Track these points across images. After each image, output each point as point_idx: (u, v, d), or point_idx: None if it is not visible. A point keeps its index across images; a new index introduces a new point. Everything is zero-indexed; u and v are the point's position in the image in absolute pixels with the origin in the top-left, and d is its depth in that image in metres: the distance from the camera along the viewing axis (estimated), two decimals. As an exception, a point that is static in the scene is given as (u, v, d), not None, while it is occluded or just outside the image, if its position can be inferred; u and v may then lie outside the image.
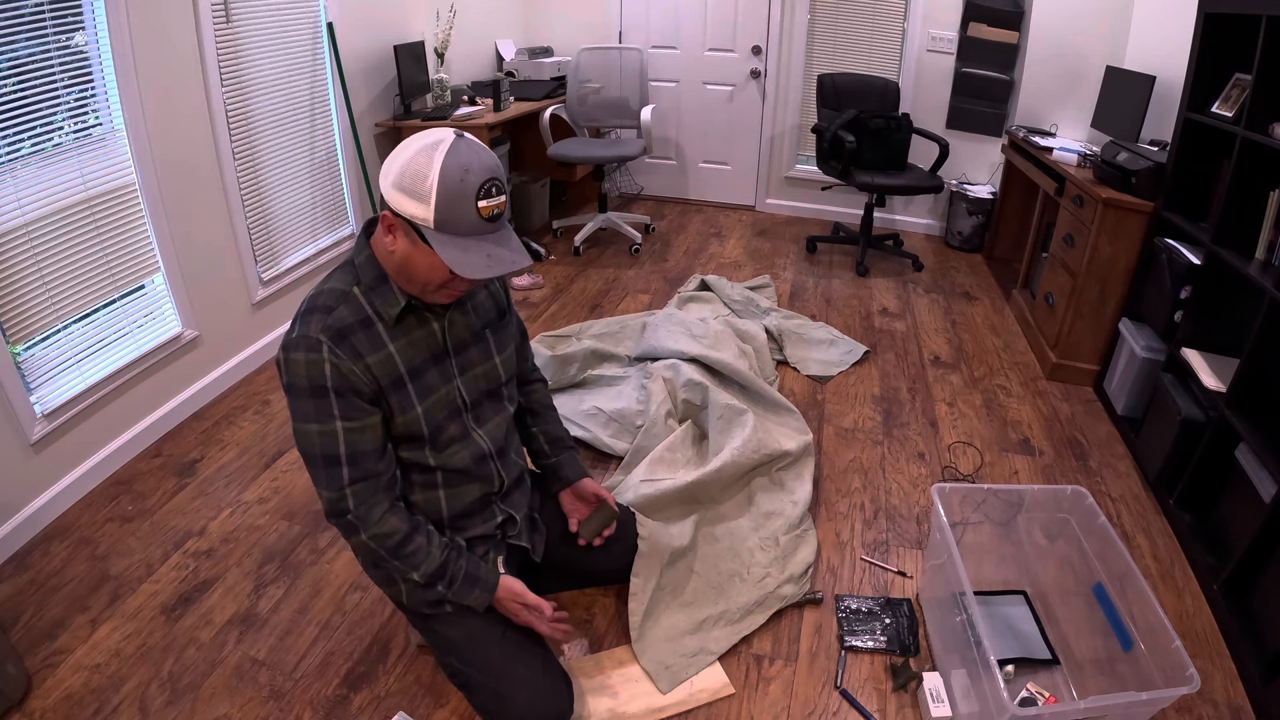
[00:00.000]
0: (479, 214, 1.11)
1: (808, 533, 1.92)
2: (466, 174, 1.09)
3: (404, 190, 1.10)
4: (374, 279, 1.20)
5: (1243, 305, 2.06)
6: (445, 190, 1.08)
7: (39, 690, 1.49)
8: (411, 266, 1.16)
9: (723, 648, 1.61)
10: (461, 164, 1.09)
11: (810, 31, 4.26)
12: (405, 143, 1.14)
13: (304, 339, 1.15)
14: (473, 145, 1.12)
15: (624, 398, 2.42)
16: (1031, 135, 3.52)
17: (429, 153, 1.09)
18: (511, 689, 1.31)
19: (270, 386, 2.61)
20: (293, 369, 1.16)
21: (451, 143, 1.10)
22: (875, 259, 3.98)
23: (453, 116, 3.22)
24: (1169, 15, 3.11)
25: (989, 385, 2.76)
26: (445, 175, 1.08)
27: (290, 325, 1.19)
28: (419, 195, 1.09)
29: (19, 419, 1.86)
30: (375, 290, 1.20)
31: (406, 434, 1.26)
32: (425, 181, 1.08)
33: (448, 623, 1.35)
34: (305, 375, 1.15)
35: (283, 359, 1.17)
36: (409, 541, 1.26)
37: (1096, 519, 1.59)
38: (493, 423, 1.39)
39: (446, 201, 1.09)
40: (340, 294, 1.19)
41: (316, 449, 1.19)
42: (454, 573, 1.30)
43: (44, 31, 1.83)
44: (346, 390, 1.17)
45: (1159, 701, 1.26)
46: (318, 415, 1.17)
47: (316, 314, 1.17)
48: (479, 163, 1.11)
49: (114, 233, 2.10)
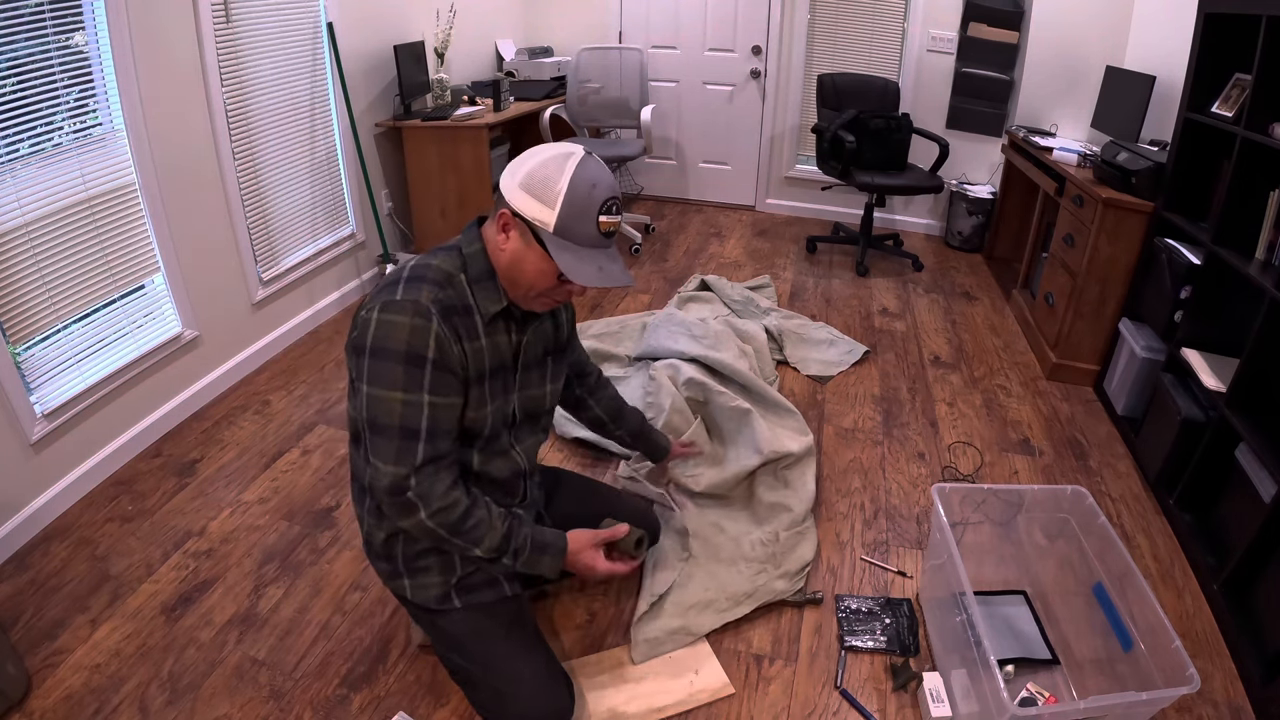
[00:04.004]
0: (598, 228, 1.16)
1: (808, 531, 1.92)
2: (594, 188, 1.14)
3: (530, 192, 1.13)
4: (480, 272, 1.22)
5: (1243, 305, 2.06)
6: (572, 198, 1.13)
7: (39, 690, 1.49)
8: (520, 267, 1.18)
9: (704, 629, 1.64)
10: (590, 178, 1.14)
11: (810, 31, 4.26)
12: (536, 149, 1.18)
13: (414, 304, 1.13)
14: (600, 164, 1.17)
15: (626, 397, 2.40)
16: (1031, 135, 3.52)
17: (561, 162, 1.14)
18: (513, 686, 1.31)
19: (271, 386, 2.61)
20: (390, 330, 1.12)
21: (583, 157, 1.15)
22: (875, 259, 3.98)
23: (452, 116, 3.22)
24: (1169, 15, 3.11)
25: (989, 385, 2.76)
26: (575, 185, 1.13)
27: (387, 287, 1.16)
28: (545, 199, 1.13)
29: (19, 419, 1.86)
30: (480, 283, 1.21)
31: (468, 430, 1.27)
32: (554, 187, 1.13)
33: (451, 619, 1.35)
34: (406, 340, 1.12)
35: (376, 319, 1.13)
36: (469, 515, 1.22)
37: (1096, 519, 1.59)
38: (527, 444, 1.41)
39: (571, 209, 1.13)
40: (448, 274, 1.19)
41: (395, 419, 1.14)
42: (519, 543, 1.27)
43: (44, 31, 1.83)
44: (444, 365, 1.16)
45: (1159, 701, 1.26)
46: (407, 383, 1.13)
47: (428, 285, 1.15)
48: (606, 180, 1.16)
49: (114, 233, 2.10)
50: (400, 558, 1.35)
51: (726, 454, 2.18)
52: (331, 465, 2.20)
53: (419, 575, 1.35)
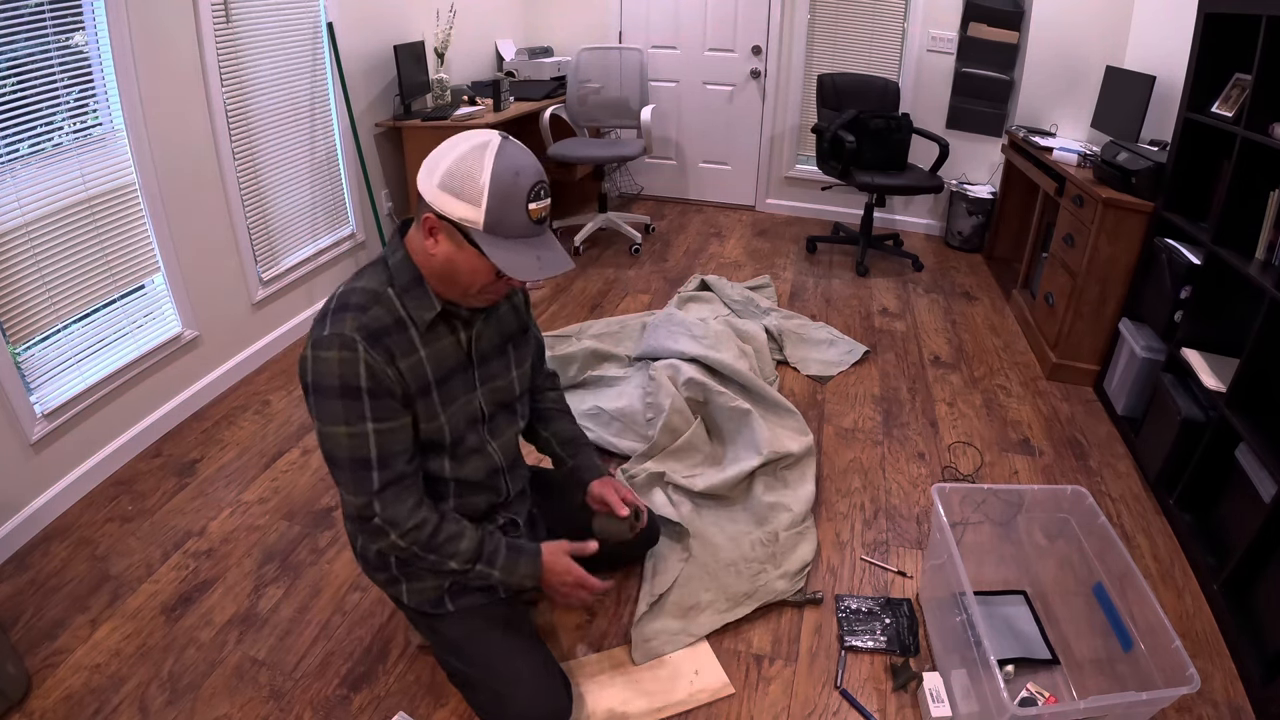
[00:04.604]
0: (529, 216, 1.11)
1: (808, 531, 1.92)
2: (517, 176, 1.08)
3: (451, 191, 1.08)
4: (409, 281, 1.18)
5: (1243, 305, 2.06)
6: (497, 192, 1.07)
7: (39, 690, 1.49)
8: (454, 269, 1.14)
9: (704, 630, 1.64)
10: (512, 166, 1.08)
11: (810, 31, 4.26)
12: (448, 144, 1.11)
13: (338, 336, 1.11)
14: (519, 147, 1.11)
15: (625, 397, 2.42)
16: (1031, 135, 3.51)
17: (479, 154, 1.08)
18: (511, 688, 1.31)
19: (271, 386, 2.61)
20: (323, 367, 1.12)
21: (500, 144, 1.09)
22: (875, 259, 3.97)
23: (452, 116, 3.22)
24: (1169, 15, 3.11)
25: (989, 385, 2.76)
26: (497, 177, 1.07)
27: (318, 322, 1.15)
28: (469, 197, 1.08)
29: (19, 419, 1.86)
30: (409, 293, 1.18)
31: (428, 442, 1.26)
32: (476, 183, 1.07)
33: (448, 622, 1.36)
34: (338, 375, 1.11)
35: (310, 356, 1.12)
36: (439, 531, 1.22)
37: (1096, 519, 1.59)
38: (505, 436, 1.39)
39: (498, 204, 1.08)
40: (374, 294, 1.16)
41: (344, 452, 1.15)
42: (492, 550, 1.27)
43: (44, 31, 1.83)
44: (380, 391, 1.14)
45: (1159, 701, 1.26)
46: (347, 417, 1.13)
47: (351, 312, 1.13)
48: (529, 165, 1.10)
49: (114, 233, 2.10)
50: (394, 564, 1.36)
51: (726, 454, 2.18)
52: (331, 465, 2.20)
53: (414, 580, 1.36)
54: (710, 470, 2.09)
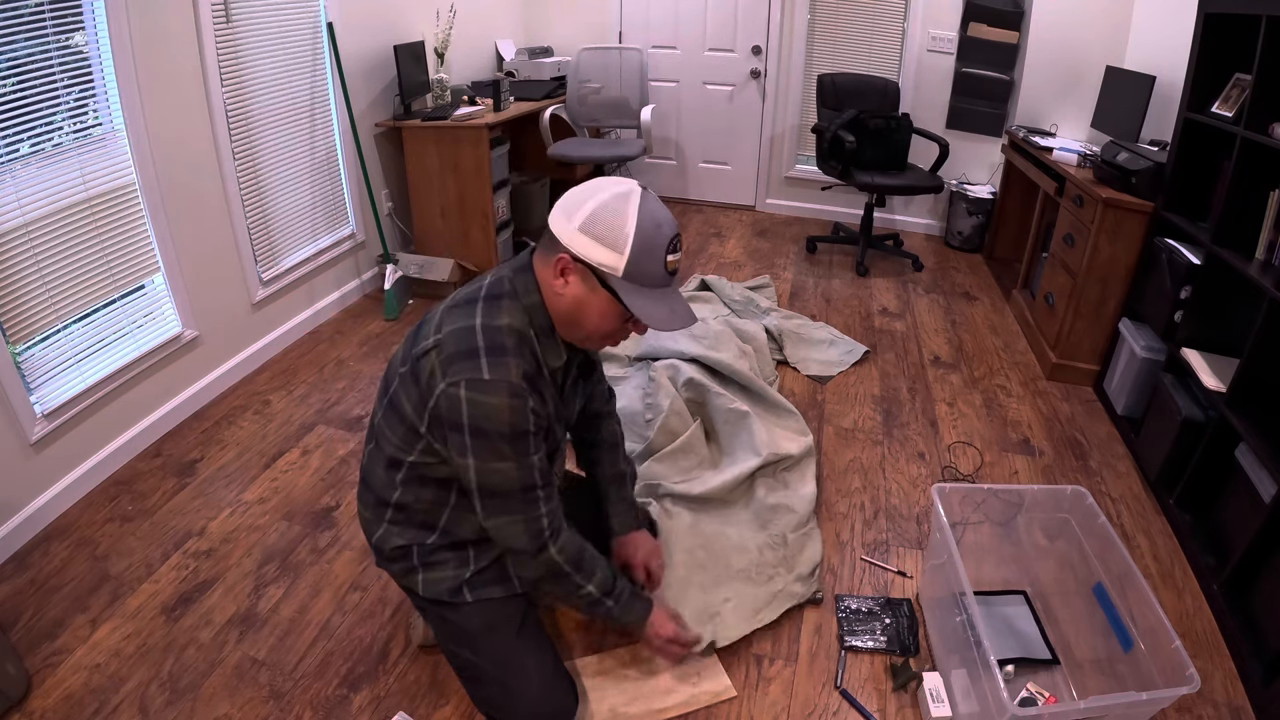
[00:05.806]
0: (665, 267, 1.14)
1: (813, 531, 1.92)
2: (659, 228, 1.12)
3: (594, 236, 1.10)
4: (543, 326, 1.20)
5: (1243, 305, 2.06)
6: (641, 241, 1.10)
7: (39, 690, 1.49)
8: (583, 312, 1.16)
9: (732, 637, 1.61)
10: (655, 218, 1.11)
11: (810, 31, 4.26)
12: (588, 188, 1.14)
13: (507, 384, 1.12)
14: (657, 200, 1.15)
15: (625, 396, 2.41)
16: (1031, 135, 3.52)
17: (623, 202, 1.11)
18: (522, 683, 1.31)
19: (271, 386, 2.61)
20: (488, 412, 1.12)
21: (641, 194, 1.13)
22: (875, 259, 3.97)
23: (452, 116, 3.22)
24: (1169, 15, 3.11)
25: (989, 385, 2.76)
26: (641, 227, 1.10)
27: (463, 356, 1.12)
28: (611, 243, 1.10)
29: (19, 419, 1.86)
30: (542, 339, 1.20)
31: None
32: (621, 231, 1.10)
33: (463, 613, 1.35)
34: (508, 422, 1.13)
35: (466, 398, 1.11)
36: (584, 549, 1.30)
37: (1096, 519, 1.59)
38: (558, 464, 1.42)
39: (639, 253, 1.10)
40: (521, 336, 1.17)
41: (514, 483, 1.18)
42: (621, 588, 1.35)
43: (44, 31, 1.83)
44: (539, 429, 1.19)
45: (1159, 701, 1.26)
46: (516, 454, 1.16)
47: (511, 357, 1.14)
48: (668, 217, 1.14)
49: (114, 233, 2.10)
50: (415, 553, 1.35)
51: (724, 457, 2.17)
52: (331, 465, 2.20)
53: (433, 569, 1.35)
54: (708, 474, 2.08)
